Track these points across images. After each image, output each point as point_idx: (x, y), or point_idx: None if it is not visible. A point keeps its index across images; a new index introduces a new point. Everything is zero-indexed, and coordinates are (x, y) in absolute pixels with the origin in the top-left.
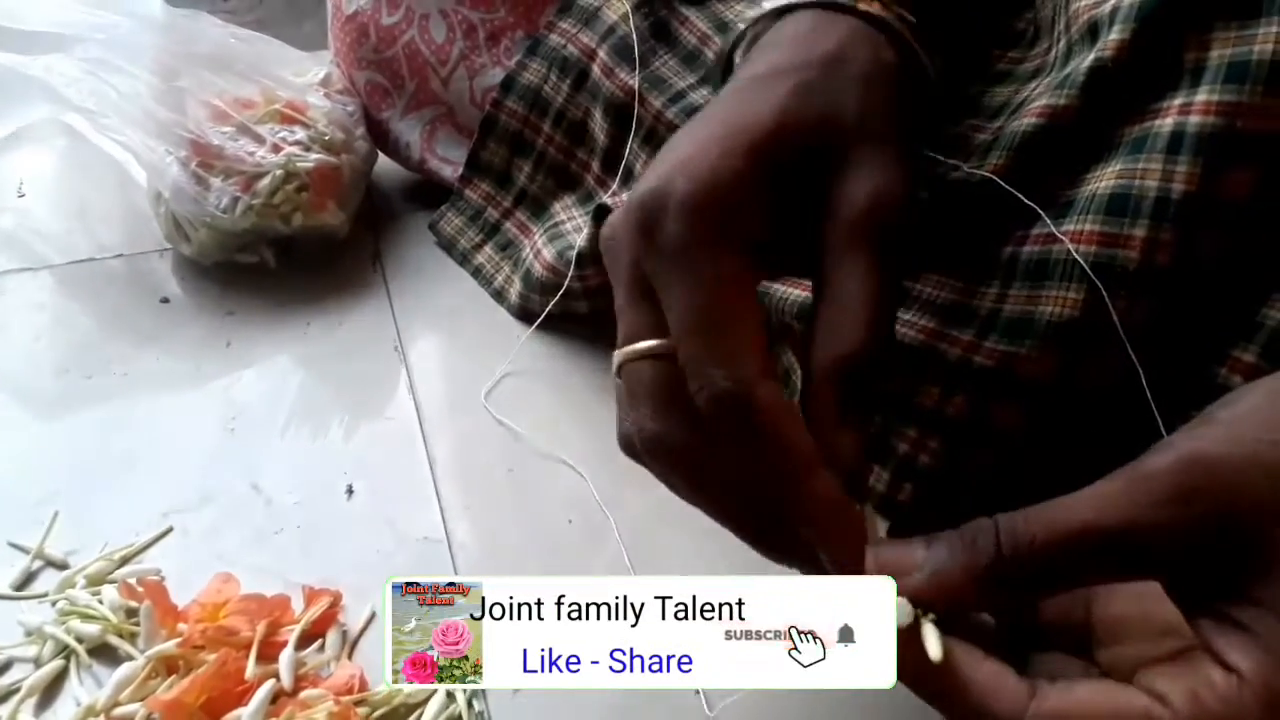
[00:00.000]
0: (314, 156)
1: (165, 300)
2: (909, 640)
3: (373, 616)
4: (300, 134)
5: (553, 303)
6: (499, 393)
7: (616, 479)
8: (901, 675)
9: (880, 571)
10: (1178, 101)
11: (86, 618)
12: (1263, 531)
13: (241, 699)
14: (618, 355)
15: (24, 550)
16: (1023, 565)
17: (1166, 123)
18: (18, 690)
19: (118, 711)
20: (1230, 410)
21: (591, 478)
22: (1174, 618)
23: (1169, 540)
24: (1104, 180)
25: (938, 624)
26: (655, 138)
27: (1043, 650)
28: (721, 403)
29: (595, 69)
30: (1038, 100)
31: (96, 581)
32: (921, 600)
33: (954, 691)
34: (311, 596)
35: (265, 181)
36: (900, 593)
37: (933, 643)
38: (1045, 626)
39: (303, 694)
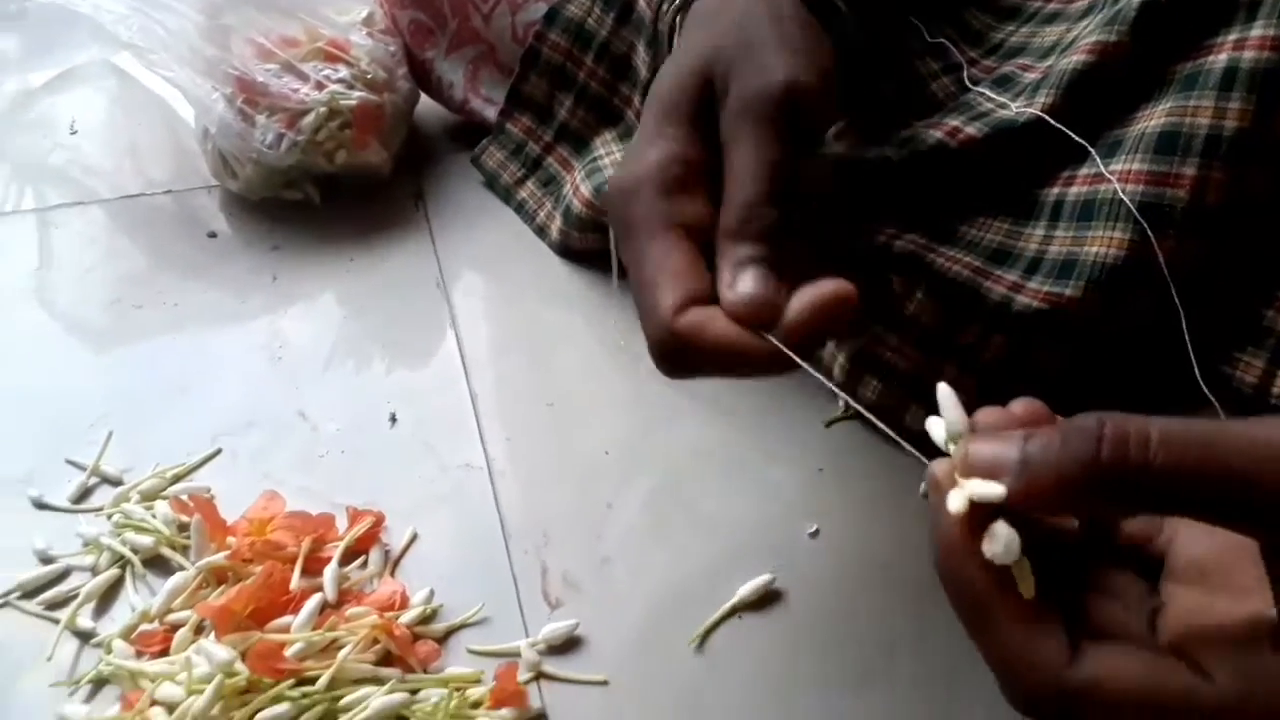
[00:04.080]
0: (357, 94)
1: (212, 235)
2: (973, 539)
3: (415, 537)
4: (343, 72)
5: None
6: (538, 329)
7: (652, 414)
8: (949, 581)
9: (970, 473)
10: (1232, 37)
11: (140, 530)
12: None
13: (286, 609)
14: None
15: (81, 467)
16: (1137, 482)
17: (1220, 59)
18: (76, 596)
19: (170, 618)
20: None
21: (625, 415)
22: (1256, 582)
23: None
24: (1154, 119)
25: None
26: None
27: (1108, 560)
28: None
29: (640, 1)
30: (1088, 37)
31: (150, 497)
32: (1014, 507)
33: (999, 624)
34: (355, 516)
35: (309, 118)
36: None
37: (1025, 579)
38: (1122, 541)
39: (347, 611)
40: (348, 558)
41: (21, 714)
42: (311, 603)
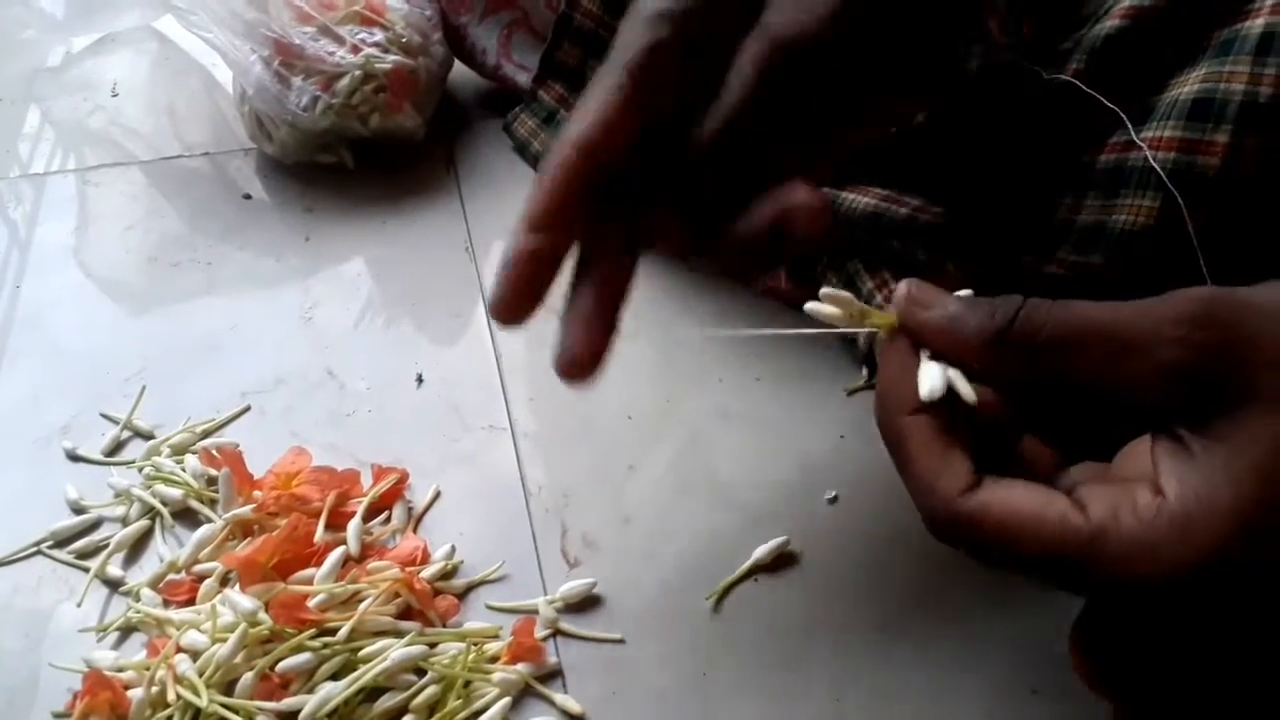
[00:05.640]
0: (391, 58)
1: (248, 196)
2: (904, 365)
3: (438, 495)
4: (379, 36)
5: None
6: (564, 293)
7: (675, 381)
8: (882, 423)
9: (908, 300)
10: (1269, 1)
11: (170, 483)
12: (1251, 370)
13: (310, 561)
14: None
15: (114, 421)
16: (1026, 344)
17: (1257, 24)
18: (107, 545)
19: (197, 568)
20: None
21: (649, 381)
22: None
23: (1166, 355)
24: (1188, 85)
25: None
26: None
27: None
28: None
29: None
30: (1123, 1)
31: (180, 451)
32: (925, 340)
33: (915, 456)
34: (379, 473)
35: (344, 81)
36: (909, 322)
37: (931, 376)
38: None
39: (369, 565)
40: (371, 513)
41: (51, 658)
42: (334, 556)
